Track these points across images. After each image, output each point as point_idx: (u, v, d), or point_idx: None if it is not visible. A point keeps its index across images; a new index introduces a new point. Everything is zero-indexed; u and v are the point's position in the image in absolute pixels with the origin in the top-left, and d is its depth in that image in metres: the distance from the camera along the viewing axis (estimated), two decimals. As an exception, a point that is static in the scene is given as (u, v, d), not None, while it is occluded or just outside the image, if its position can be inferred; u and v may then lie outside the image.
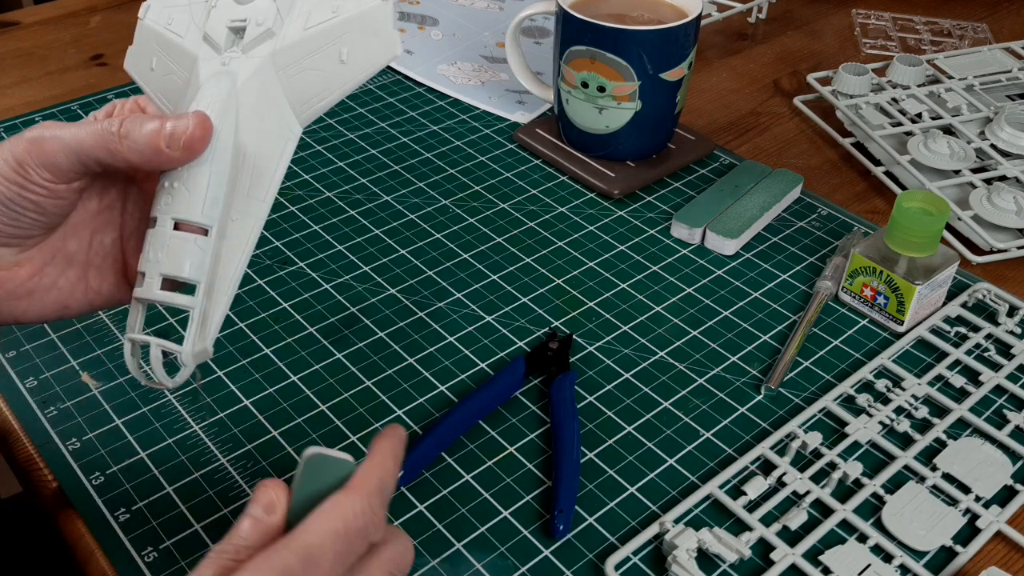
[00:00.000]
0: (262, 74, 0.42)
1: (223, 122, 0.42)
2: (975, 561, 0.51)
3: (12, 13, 1.06)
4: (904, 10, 1.11)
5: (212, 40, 0.44)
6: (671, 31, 0.73)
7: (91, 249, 0.45)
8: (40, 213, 0.41)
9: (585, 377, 0.62)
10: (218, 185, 0.42)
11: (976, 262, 0.72)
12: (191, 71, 0.44)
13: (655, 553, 0.51)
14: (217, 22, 0.44)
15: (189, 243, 0.41)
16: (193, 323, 0.42)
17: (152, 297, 0.42)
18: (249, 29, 0.43)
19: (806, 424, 0.59)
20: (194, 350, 0.42)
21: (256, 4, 0.43)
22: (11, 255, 0.43)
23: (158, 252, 0.42)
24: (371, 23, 0.41)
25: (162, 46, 0.46)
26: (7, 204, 0.40)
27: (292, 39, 0.42)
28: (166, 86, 0.46)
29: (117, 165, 0.41)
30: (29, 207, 0.41)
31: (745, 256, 0.72)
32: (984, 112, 0.85)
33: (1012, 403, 0.60)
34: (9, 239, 0.42)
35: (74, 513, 0.53)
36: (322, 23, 0.42)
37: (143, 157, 0.40)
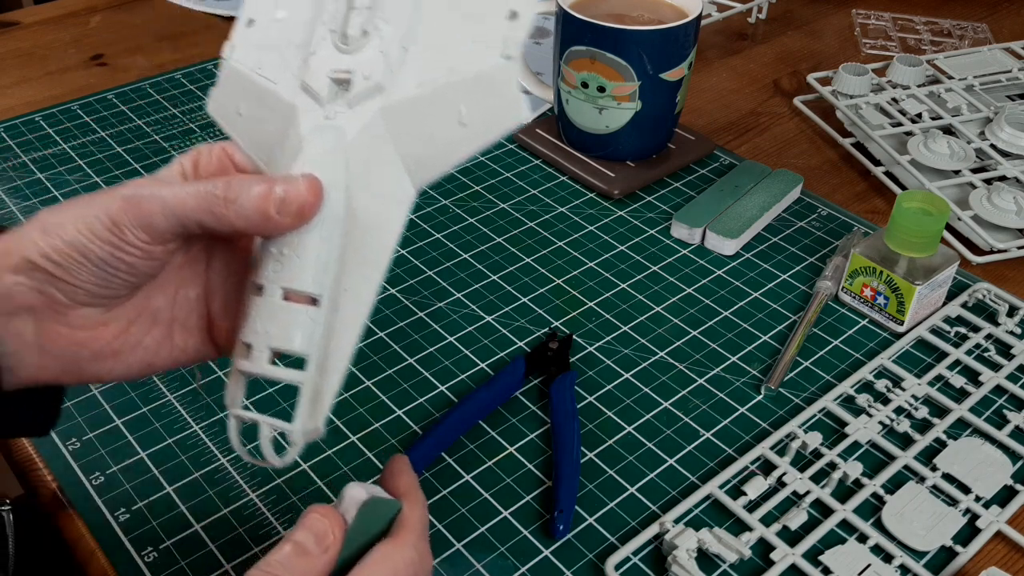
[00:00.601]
0: (372, 131, 0.38)
1: (332, 183, 0.38)
2: (975, 561, 0.51)
3: (12, 13, 1.06)
4: (904, 10, 1.11)
5: (312, 91, 0.40)
6: (671, 31, 0.73)
7: (176, 305, 0.42)
8: (132, 274, 0.39)
9: (585, 377, 0.62)
10: (329, 252, 0.38)
11: (976, 262, 0.72)
12: (289, 122, 0.40)
13: (655, 553, 0.51)
14: (317, 71, 0.40)
15: (300, 314, 0.38)
16: (304, 399, 0.38)
17: (261, 372, 0.39)
18: (355, 82, 0.39)
19: (806, 424, 0.59)
20: (305, 428, 0.38)
21: (362, 55, 0.39)
22: (97, 314, 0.40)
23: (266, 324, 0.39)
24: (492, 84, 0.36)
25: (252, 91, 0.42)
26: (99, 265, 0.38)
27: (404, 96, 0.38)
28: (257, 135, 0.42)
29: (220, 229, 0.38)
30: (122, 268, 0.38)
31: (745, 256, 0.72)
32: (984, 112, 0.85)
33: (1012, 403, 0.60)
34: (97, 299, 0.39)
35: (74, 513, 0.53)
36: (437, 81, 0.37)
37: (249, 223, 0.38)
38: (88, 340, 0.40)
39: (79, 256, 0.37)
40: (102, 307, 0.40)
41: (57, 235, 0.37)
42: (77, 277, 0.38)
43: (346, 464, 0.55)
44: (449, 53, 0.37)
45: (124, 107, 0.89)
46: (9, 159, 0.81)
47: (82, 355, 0.40)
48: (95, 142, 0.84)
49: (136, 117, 0.87)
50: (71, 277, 0.38)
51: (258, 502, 0.53)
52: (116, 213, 0.37)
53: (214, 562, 0.50)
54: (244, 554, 0.51)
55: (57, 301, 0.38)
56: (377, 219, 0.38)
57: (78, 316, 0.39)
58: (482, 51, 0.36)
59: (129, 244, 0.38)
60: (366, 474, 0.55)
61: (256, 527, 0.52)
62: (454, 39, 0.37)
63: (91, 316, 0.40)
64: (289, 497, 0.53)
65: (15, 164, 0.81)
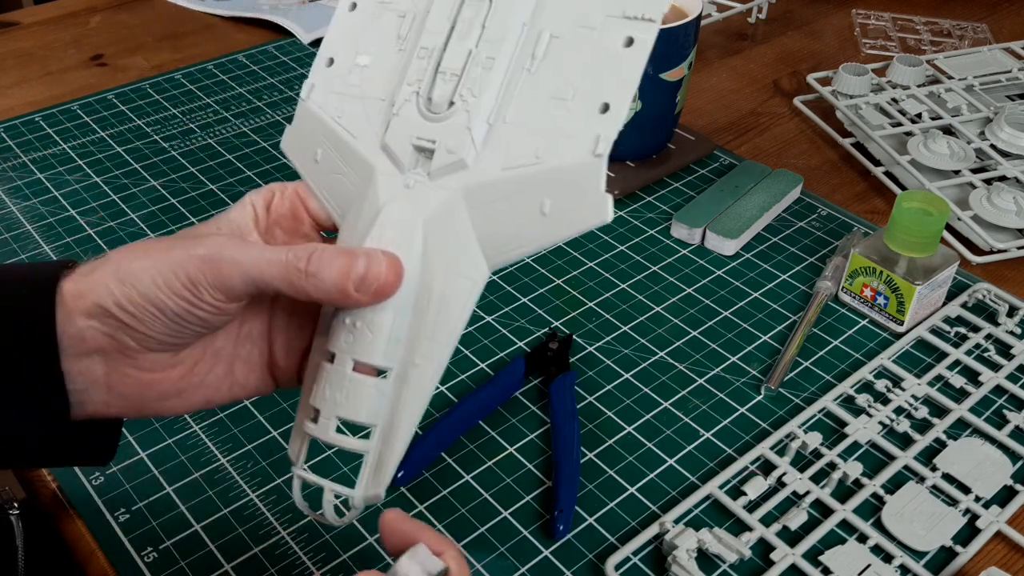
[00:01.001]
0: (452, 209, 0.38)
1: (409, 256, 0.38)
2: (975, 561, 0.51)
3: (12, 13, 1.06)
4: (904, 10, 1.11)
5: (392, 154, 0.39)
6: (671, 31, 0.73)
7: (238, 342, 0.42)
8: (204, 326, 0.39)
9: (585, 377, 0.62)
10: (400, 327, 0.38)
11: (976, 262, 0.72)
12: (367, 182, 0.40)
13: (655, 553, 0.51)
14: (400, 134, 0.39)
15: (368, 387, 0.39)
16: (367, 468, 0.39)
17: (328, 440, 0.40)
18: (438, 154, 0.38)
19: (806, 424, 0.59)
20: (366, 495, 0.39)
21: (447, 125, 0.38)
22: (166, 359, 0.40)
23: (336, 393, 0.39)
24: (577, 179, 0.36)
25: (330, 140, 0.41)
26: (172, 319, 0.38)
27: (487, 177, 0.37)
28: (333, 184, 0.42)
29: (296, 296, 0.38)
30: (195, 321, 0.38)
31: (745, 256, 0.72)
32: (984, 112, 0.85)
33: (1012, 403, 0.60)
34: (167, 347, 0.40)
35: (74, 513, 0.53)
36: (522, 167, 0.37)
37: (328, 296, 0.38)
38: (155, 382, 0.40)
39: (154, 309, 0.37)
40: (170, 352, 0.40)
41: (132, 285, 0.37)
42: (150, 328, 0.38)
43: (346, 464, 0.55)
44: (537, 139, 0.37)
45: (124, 107, 0.89)
46: (9, 159, 0.81)
47: (148, 396, 0.40)
48: (95, 142, 0.84)
49: (136, 117, 0.87)
50: (144, 327, 0.38)
51: (258, 502, 0.53)
52: (194, 273, 0.37)
53: (214, 562, 0.50)
54: (244, 554, 0.51)
55: (127, 347, 0.39)
56: (450, 296, 0.38)
57: (147, 360, 0.39)
58: (572, 144, 0.36)
59: (205, 303, 0.38)
60: (366, 474, 0.55)
61: (256, 527, 0.52)
62: (543, 123, 0.37)
63: (160, 360, 0.40)
64: (289, 497, 0.53)
65: (15, 164, 0.81)
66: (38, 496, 0.55)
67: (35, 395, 0.38)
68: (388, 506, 0.53)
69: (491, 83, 0.38)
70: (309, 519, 0.52)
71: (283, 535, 0.52)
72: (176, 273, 0.37)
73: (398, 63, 0.40)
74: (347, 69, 0.41)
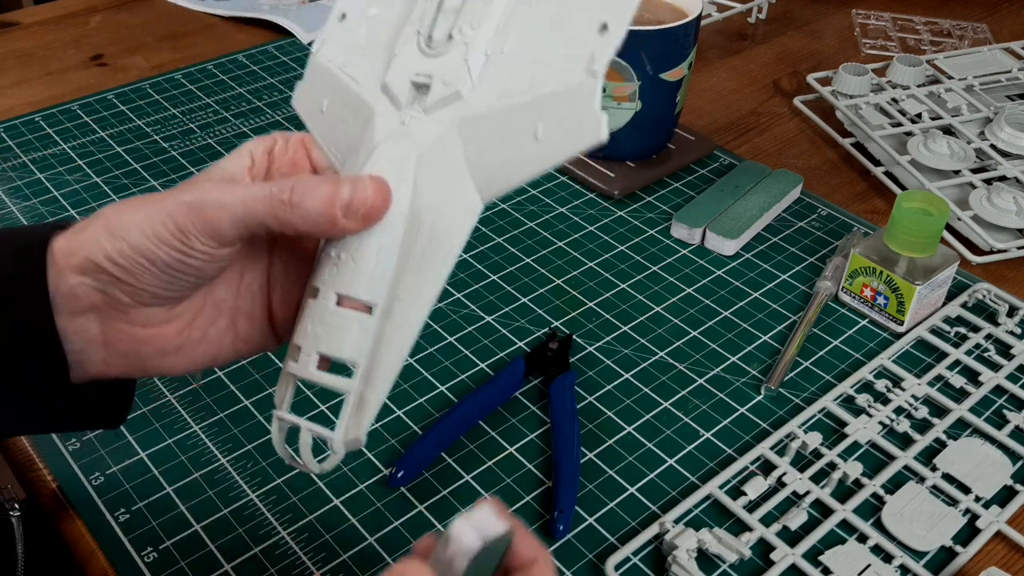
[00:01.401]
0: (446, 142, 0.38)
1: (399, 190, 0.38)
2: (975, 561, 0.51)
3: (12, 13, 1.06)
4: (904, 10, 1.11)
5: (391, 93, 0.39)
6: (671, 31, 0.73)
7: (239, 295, 0.42)
8: (197, 276, 0.39)
9: (585, 377, 0.62)
10: (388, 260, 0.38)
11: (976, 262, 0.72)
12: (366, 124, 0.40)
13: (655, 553, 0.51)
14: (399, 73, 0.39)
15: (351, 321, 0.38)
16: (348, 408, 0.38)
17: (307, 376, 0.39)
18: (434, 88, 0.38)
19: (806, 424, 0.59)
20: (346, 438, 0.38)
21: (444, 59, 0.38)
22: (161, 313, 0.40)
23: (317, 327, 0.38)
24: (573, 101, 0.35)
25: (336, 89, 0.42)
26: (164, 269, 0.37)
27: (482, 108, 0.37)
28: (336, 133, 0.42)
29: (285, 232, 0.38)
30: (188, 271, 0.38)
31: (745, 256, 0.72)
32: (984, 112, 0.85)
33: (1012, 403, 0.60)
34: (161, 300, 0.39)
35: (74, 513, 0.53)
36: (517, 95, 0.36)
37: (315, 226, 0.37)
38: (151, 338, 0.40)
39: (144, 261, 0.37)
40: (166, 306, 0.40)
41: (122, 238, 0.37)
42: (141, 280, 0.38)
43: (346, 464, 0.55)
44: (534, 65, 0.36)
45: (124, 107, 0.89)
46: (9, 159, 0.81)
47: (146, 352, 0.40)
48: (95, 142, 0.84)
49: (136, 117, 0.87)
50: (135, 280, 0.38)
51: (258, 502, 0.53)
52: (182, 221, 0.37)
53: (214, 562, 0.50)
54: (244, 554, 0.51)
55: (120, 302, 0.38)
56: (441, 230, 0.38)
57: (141, 315, 0.39)
58: (568, 68, 0.35)
59: (195, 250, 0.37)
60: (365, 474, 0.55)
61: (256, 527, 0.52)
62: (541, 50, 0.37)
63: (154, 315, 0.39)
64: (289, 497, 0.53)
65: (15, 164, 0.81)
66: (38, 496, 0.55)
67: (34, 355, 0.37)
68: (388, 506, 0.53)
69: (490, 15, 0.38)
70: (309, 519, 0.52)
71: (283, 535, 0.52)
72: (165, 223, 0.37)
73: (404, 9, 0.40)
74: (357, 22, 0.42)
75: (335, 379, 0.38)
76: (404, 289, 0.38)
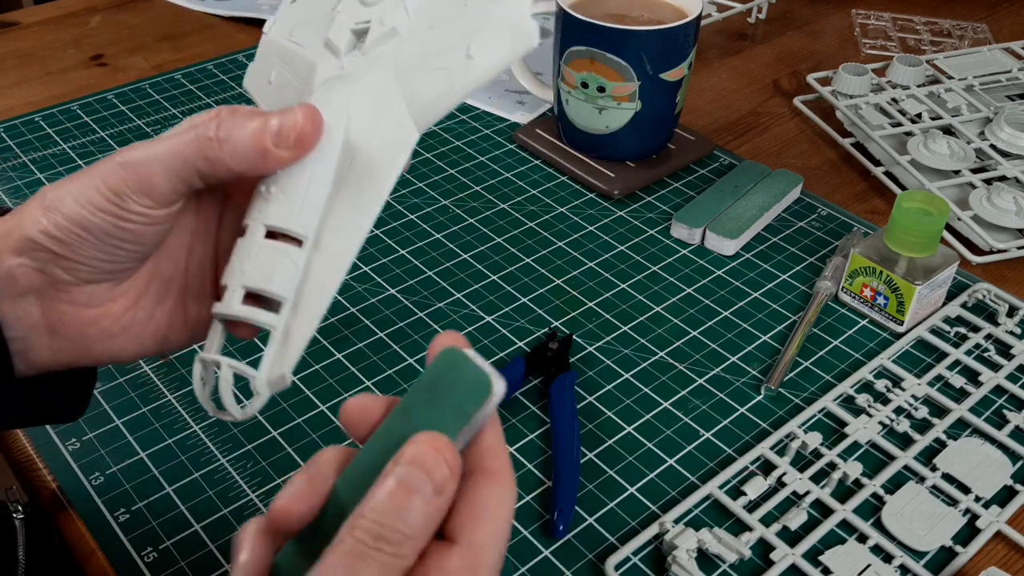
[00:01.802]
0: (380, 75, 0.38)
1: (333, 122, 0.38)
2: (975, 561, 0.51)
3: (12, 13, 1.06)
4: (904, 10, 1.11)
5: (333, 46, 0.40)
6: (671, 31, 0.73)
7: (188, 273, 0.41)
8: (137, 243, 0.37)
9: (585, 377, 0.62)
10: (320, 192, 0.37)
11: (976, 262, 0.72)
12: (309, 79, 0.40)
13: (655, 553, 0.51)
14: (340, 27, 0.40)
15: (280, 254, 0.37)
16: (273, 344, 0.37)
17: (231, 312, 0.37)
18: (372, 29, 0.39)
19: (806, 424, 0.59)
20: (270, 376, 0.36)
21: (382, 5, 0.39)
22: (103, 291, 0.38)
23: (244, 263, 0.37)
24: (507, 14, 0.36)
25: (282, 58, 0.42)
26: (101, 238, 0.36)
27: (417, 36, 0.38)
28: (282, 100, 0.41)
29: (219, 175, 0.37)
30: (126, 238, 0.37)
31: (745, 256, 0.72)
32: (984, 112, 0.85)
33: (1012, 403, 0.60)
34: (103, 275, 0.38)
35: (74, 513, 0.53)
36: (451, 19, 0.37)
37: (247, 162, 0.36)
38: (95, 318, 0.39)
39: (80, 231, 0.36)
40: (108, 282, 0.39)
41: (57, 210, 0.36)
42: (79, 253, 0.37)
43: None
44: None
45: (124, 107, 0.89)
46: (9, 159, 0.81)
47: (91, 334, 0.39)
48: (95, 142, 0.84)
49: (136, 117, 0.87)
50: (73, 253, 0.37)
51: (258, 502, 0.53)
52: (115, 182, 0.36)
53: (214, 562, 0.50)
54: (244, 554, 0.51)
55: (60, 280, 0.37)
56: (375, 161, 0.38)
57: (83, 294, 0.38)
58: None
59: (131, 212, 0.36)
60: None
61: (256, 527, 0.52)
62: None
63: (97, 293, 0.38)
64: (289, 497, 0.53)
65: (15, 164, 0.81)
66: (38, 496, 0.55)
67: None
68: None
69: None
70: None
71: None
72: (98, 188, 0.36)
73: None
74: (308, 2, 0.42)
75: (260, 313, 0.37)
76: (336, 219, 0.37)
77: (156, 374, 0.60)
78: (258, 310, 0.37)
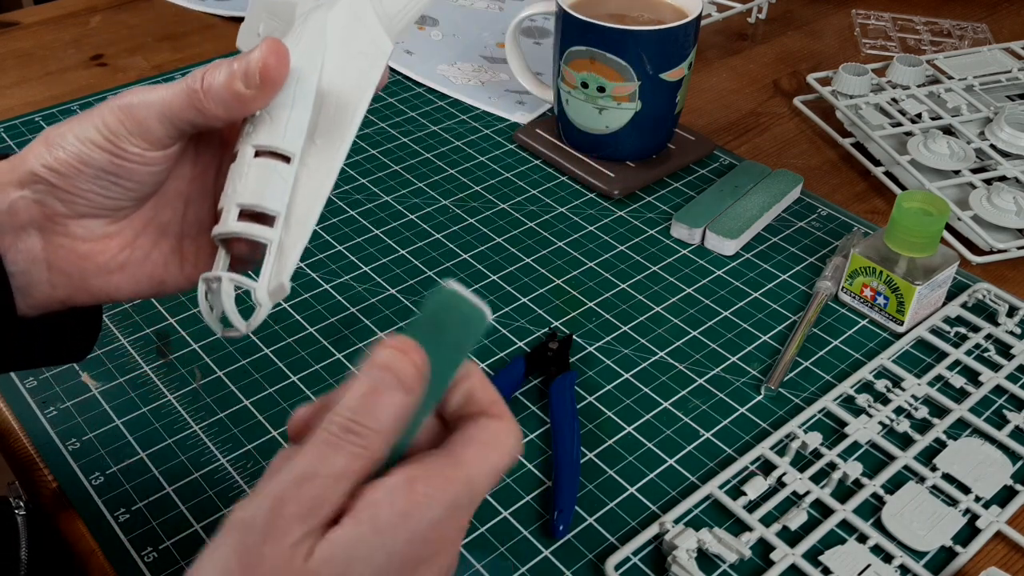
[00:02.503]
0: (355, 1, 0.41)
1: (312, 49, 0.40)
2: (975, 561, 0.51)
3: (12, 13, 1.06)
4: (904, 10, 1.11)
5: None
6: (671, 31, 0.73)
7: (185, 220, 0.43)
8: (133, 182, 0.40)
9: (585, 377, 0.62)
10: (302, 110, 0.39)
11: (976, 262, 0.72)
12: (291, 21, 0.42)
13: (655, 553, 0.51)
14: None
15: (269, 171, 0.39)
16: (270, 256, 0.39)
17: (228, 229, 0.39)
18: None
19: (806, 424, 0.59)
20: (270, 287, 0.39)
21: None
22: (101, 227, 0.41)
23: (237, 183, 0.39)
24: None
25: (268, 9, 0.44)
26: (99, 174, 0.39)
27: None
28: None
29: (208, 123, 0.39)
30: (123, 175, 0.39)
31: (745, 256, 0.72)
32: (984, 112, 0.85)
33: (1012, 403, 0.60)
34: (100, 210, 0.40)
35: (74, 513, 0.53)
36: None
37: (228, 106, 0.38)
38: (92, 252, 0.41)
39: (80, 164, 0.39)
40: (104, 219, 0.41)
41: (60, 146, 0.39)
42: (77, 186, 0.39)
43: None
44: None
45: (124, 107, 0.89)
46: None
47: (88, 268, 0.41)
48: (95, 142, 0.84)
49: (136, 117, 0.87)
50: (71, 186, 0.39)
51: (258, 502, 0.53)
52: (113, 123, 0.39)
53: (214, 562, 0.50)
54: (244, 554, 0.51)
55: (58, 212, 0.39)
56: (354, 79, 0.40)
57: (80, 227, 0.40)
58: None
59: (127, 151, 0.39)
60: (366, 474, 0.55)
61: (256, 527, 0.52)
62: None
63: (94, 228, 0.41)
64: (289, 497, 0.53)
65: (15, 164, 0.81)
66: (39, 496, 0.55)
67: None
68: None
69: None
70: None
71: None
72: (97, 127, 0.39)
73: None
74: None
75: (255, 227, 0.39)
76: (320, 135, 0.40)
77: (156, 374, 0.60)
78: (254, 225, 0.39)
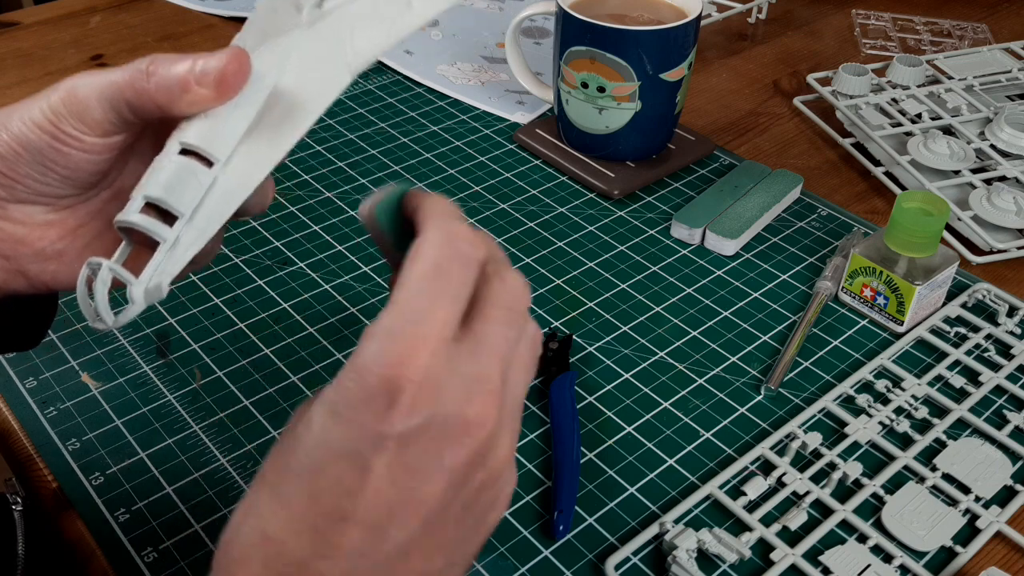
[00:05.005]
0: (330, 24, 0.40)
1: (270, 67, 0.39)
2: (975, 561, 0.51)
3: (12, 13, 1.06)
4: (904, 10, 1.11)
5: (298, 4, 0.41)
6: (671, 31, 0.73)
7: None
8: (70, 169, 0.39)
9: (585, 377, 0.62)
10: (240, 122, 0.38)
11: (976, 262, 0.72)
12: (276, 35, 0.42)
13: (655, 553, 0.51)
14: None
15: (188, 171, 0.37)
16: (159, 255, 0.37)
17: (127, 219, 0.37)
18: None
19: (806, 424, 0.59)
20: (148, 284, 0.36)
21: None
22: (41, 213, 0.40)
23: (152, 174, 0.38)
24: None
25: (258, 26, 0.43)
26: (37, 157, 0.38)
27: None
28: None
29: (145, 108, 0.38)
30: (60, 161, 0.38)
31: (745, 256, 0.72)
32: (984, 112, 0.85)
33: (1012, 403, 0.60)
34: (38, 196, 0.39)
35: (74, 513, 0.53)
36: None
37: (169, 94, 0.37)
38: (29, 239, 0.40)
39: (19, 147, 0.38)
40: (46, 206, 0.40)
41: (4, 127, 0.38)
42: (15, 170, 0.38)
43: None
44: None
45: (124, 107, 0.89)
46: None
47: (24, 253, 0.41)
48: (95, 142, 0.84)
49: (136, 117, 0.87)
50: (10, 170, 0.38)
51: (258, 502, 0.53)
52: (56, 104, 0.38)
53: (214, 562, 0.50)
54: (244, 554, 0.51)
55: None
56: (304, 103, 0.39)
57: (18, 211, 0.40)
58: None
59: (66, 134, 0.38)
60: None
61: (256, 527, 0.52)
62: None
63: (34, 214, 0.40)
64: (289, 497, 0.53)
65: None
66: (38, 496, 0.55)
67: None
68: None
69: None
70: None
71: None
72: (42, 108, 0.38)
73: None
74: None
75: (154, 222, 0.37)
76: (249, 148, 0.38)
77: (156, 374, 0.60)
78: (154, 220, 0.37)
